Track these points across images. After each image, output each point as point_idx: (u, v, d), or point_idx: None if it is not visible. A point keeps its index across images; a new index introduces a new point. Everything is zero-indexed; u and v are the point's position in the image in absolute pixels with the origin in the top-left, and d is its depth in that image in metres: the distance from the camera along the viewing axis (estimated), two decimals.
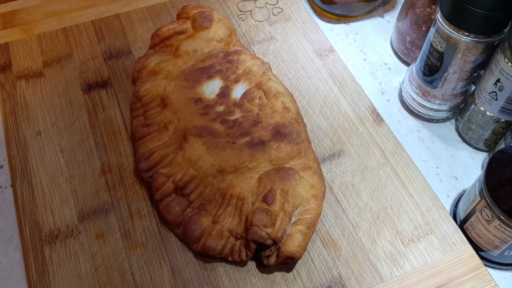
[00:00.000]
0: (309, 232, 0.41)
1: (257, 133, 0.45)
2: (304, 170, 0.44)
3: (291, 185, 0.42)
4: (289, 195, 0.41)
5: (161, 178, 0.43)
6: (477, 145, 0.54)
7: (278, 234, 0.40)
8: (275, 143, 0.45)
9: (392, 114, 0.57)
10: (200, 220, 0.42)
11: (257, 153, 0.44)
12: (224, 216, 0.42)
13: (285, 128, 0.46)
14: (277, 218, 0.40)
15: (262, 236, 0.40)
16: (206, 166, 0.43)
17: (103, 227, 0.44)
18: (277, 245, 0.40)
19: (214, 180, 0.43)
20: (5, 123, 0.51)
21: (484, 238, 0.44)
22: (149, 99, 0.48)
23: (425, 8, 0.55)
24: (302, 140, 0.46)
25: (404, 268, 0.43)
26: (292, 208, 0.41)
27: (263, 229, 0.40)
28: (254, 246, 0.41)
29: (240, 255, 0.41)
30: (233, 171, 0.43)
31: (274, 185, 0.42)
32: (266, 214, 0.40)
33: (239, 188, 0.42)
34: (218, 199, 0.43)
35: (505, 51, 0.45)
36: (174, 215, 0.43)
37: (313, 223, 0.42)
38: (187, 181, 0.43)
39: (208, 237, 0.41)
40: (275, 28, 0.60)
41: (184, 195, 0.43)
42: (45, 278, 0.42)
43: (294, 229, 0.41)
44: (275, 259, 0.41)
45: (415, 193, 0.47)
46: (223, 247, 0.41)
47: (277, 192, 0.41)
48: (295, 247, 0.40)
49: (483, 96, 0.50)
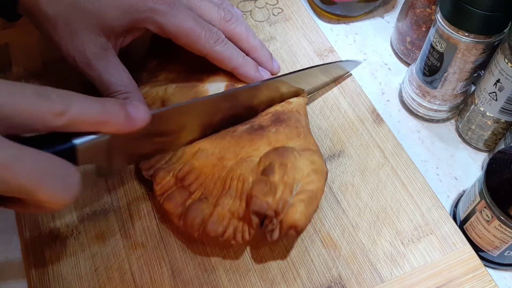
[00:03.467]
0: (312, 203, 0.40)
1: (257, 121, 0.45)
2: (303, 150, 0.43)
3: (289, 160, 0.41)
4: (288, 168, 0.40)
5: (162, 173, 0.43)
6: (477, 146, 0.54)
7: (280, 205, 0.39)
8: (274, 127, 0.45)
9: (392, 115, 0.57)
10: (201, 207, 0.41)
11: (256, 138, 0.44)
12: (225, 198, 0.41)
13: (284, 114, 0.46)
14: (277, 189, 0.40)
15: (263, 206, 0.39)
16: (205, 155, 0.43)
17: (103, 227, 0.44)
18: (279, 216, 0.39)
19: (214, 169, 0.43)
20: None
21: (484, 239, 0.44)
22: (150, 102, 0.48)
23: (425, 9, 0.55)
24: (301, 126, 0.46)
25: (404, 269, 0.43)
26: (292, 181, 0.40)
27: (264, 198, 0.39)
28: (256, 220, 0.39)
29: (243, 236, 0.40)
30: (233, 158, 0.43)
31: (273, 160, 0.41)
32: (266, 184, 0.39)
33: (239, 170, 0.42)
34: (219, 187, 0.42)
35: (505, 52, 0.45)
36: (175, 205, 0.41)
37: (316, 195, 0.41)
38: (188, 171, 0.43)
39: (209, 219, 0.40)
40: (275, 28, 0.60)
41: (184, 186, 0.42)
42: (45, 278, 0.42)
43: (296, 198, 0.40)
44: (279, 232, 0.39)
45: (415, 194, 0.47)
46: (225, 229, 0.40)
47: (275, 165, 0.40)
48: (298, 214, 0.39)
49: (483, 97, 0.50)
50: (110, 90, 0.44)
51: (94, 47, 0.43)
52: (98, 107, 0.33)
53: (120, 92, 0.44)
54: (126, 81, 0.44)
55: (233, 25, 0.48)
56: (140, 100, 0.45)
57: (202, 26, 0.45)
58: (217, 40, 0.46)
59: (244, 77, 0.48)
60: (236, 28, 0.48)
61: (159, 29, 0.45)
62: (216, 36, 0.46)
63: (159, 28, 0.45)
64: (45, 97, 0.31)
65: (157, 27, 0.45)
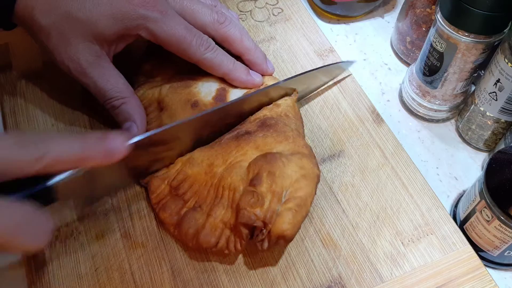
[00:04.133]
0: (300, 211, 0.40)
1: (244, 127, 0.46)
2: (292, 154, 0.43)
3: (278, 167, 0.41)
4: (276, 176, 0.40)
5: (156, 181, 0.44)
6: (477, 145, 0.54)
7: (267, 215, 0.39)
8: (261, 132, 0.45)
9: (392, 115, 0.57)
10: (195, 216, 0.41)
11: (243, 142, 0.44)
12: (217, 208, 0.41)
13: (272, 119, 0.46)
14: (265, 199, 0.40)
15: (251, 218, 0.39)
16: (197, 162, 0.43)
17: (103, 227, 0.44)
18: (268, 226, 0.39)
19: (206, 177, 0.43)
20: (5, 123, 0.51)
21: (484, 239, 0.44)
22: (146, 103, 0.48)
23: (425, 9, 0.55)
24: (290, 130, 0.45)
25: (404, 269, 0.43)
26: (280, 189, 0.40)
27: (251, 210, 0.39)
28: (245, 231, 0.40)
29: (235, 246, 0.41)
30: (222, 164, 0.43)
31: (261, 168, 0.41)
32: (253, 196, 0.39)
33: (230, 178, 0.42)
34: (212, 195, 0.42)
35: (505, 51, 0.45)
36: (170, 214, 0.42)
37: (305, 202, 0.41)
38: (181, 179, 0.43)
39: (202, 231, 0.41)
40: (275, 28, 0.60)
41: (179, 195, 0.43)
42: (45, 278, 0.42)
43: (284, 207, 0.40)
44: (268, 242, 0.40)
45: (415, 194, 0.47)
46: (218, 239, 0.40)
47: (263, 174, 0.40)
48: (286, 224, 0.39)
49: (483, 96, 0.50)
50: (106, 96, 0.44)
51: (87, 55, 0.43)
52: (77, 146, 0.33)
53: (116, 98, 0.44)
54: (121, 87, 0.44)
55: (227, 27, 0.48)
56: (136, 104, 0.45)
57: (193, 34, 0.45)
58: (207, 47, 0.46)
59: (235, 82, 0.48)
60: (230, 30, 0.48)
61: (151, 36, 0.45)
62: (207, 44, 0.46)
63: (150, 35, 0.45)
64: (25, 146, 0.31)
65: (149, 34, 0.45)
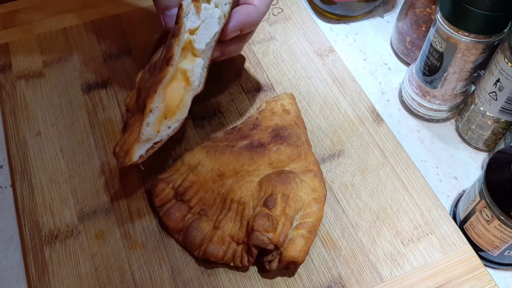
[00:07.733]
0: (311, 236, 0.41)
1: (256, 136, 0.45)
2: (304, 173, 0.44)
3: (292, 189, 0.42)
4: (290, 199, 0.41)
5: (161, 185, 0.43)
6: (477, 145, 0.54)
7: (280, 239, 0.40)
8: (275, 145, 0.45)
9: (392, 114, 0.57)
10: (201, 225, 0.42)
11: (257, 156, 0.44)
12: (225, 221, 0.42)
13: (285, 130, 0.46)
14: (279, 223, 0.40)
15: (264, 241, 0.39)
16: (205, 170, 0.43)
17: (103, 227, 0.44)
18: (279, 250, 0.40)
19: (214, 185, 0.43)
20: (5, 123, 0.51)
21: (484, 238, 0.44)
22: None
23: (425, 8, 0.55)
24: (302, 143, 0.46)
25: (404, 268, 0.43)
26: (294, 212, 0.41)
27: (265, 234, 0.39)
28: (256, 251, 0.40)
29: (242, 261, 0.41)
30: (233, 175, 0.43)
31: (275, 189, 0.41)
32: (268, 219, 0.40)
33: (240, 192, 0.42)
34: (218, 204, 0.43)
35: (505, 51, 0.45)
36: (174, 221, 0.42)
37: (315, 227, 0.41)
38: (187, 186, 0.43)
39: (210, 243, 0.41)
40: (275, 28, 0.60)
41: (184, 201, 0.43)
42: (45, 278, 0.42)
43: (296, 233, 0.41)
44: (277, 264, 0.40)
45: (415, 193, 0.47)
46: (225, 253, 0.41)
47: (278, 196, 0.41)
48: (297, 252, 0.40)
49: (483, 96, 0.50)
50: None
51: None
52: None
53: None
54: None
55: None
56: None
57: None
58: None
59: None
60: None
61: None
62: None
63: None
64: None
65: None
